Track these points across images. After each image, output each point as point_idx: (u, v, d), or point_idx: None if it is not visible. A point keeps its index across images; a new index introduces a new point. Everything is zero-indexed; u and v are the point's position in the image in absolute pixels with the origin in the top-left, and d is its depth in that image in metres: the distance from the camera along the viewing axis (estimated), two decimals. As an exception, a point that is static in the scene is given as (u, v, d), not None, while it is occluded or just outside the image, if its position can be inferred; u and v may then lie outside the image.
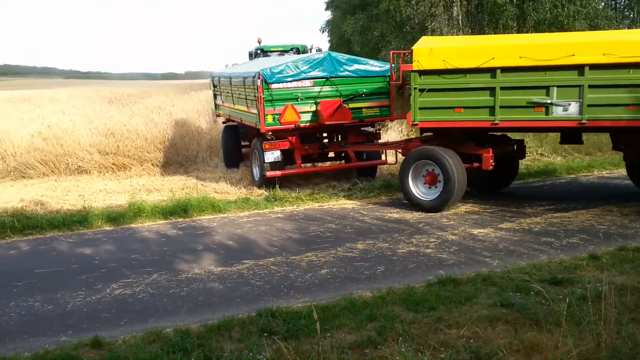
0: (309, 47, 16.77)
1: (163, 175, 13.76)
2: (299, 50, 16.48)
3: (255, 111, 11.25)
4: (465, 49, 9.11)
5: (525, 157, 10.80)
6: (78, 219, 9.10)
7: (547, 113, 8.53)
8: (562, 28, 18.07)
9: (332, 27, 41.32)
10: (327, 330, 4.75)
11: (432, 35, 19.39)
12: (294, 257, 7.13)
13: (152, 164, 14.45)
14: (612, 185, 10.75)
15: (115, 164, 14.22)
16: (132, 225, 9.05)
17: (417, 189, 9.50)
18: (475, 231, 7.97)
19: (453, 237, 7.75)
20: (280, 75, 10.89)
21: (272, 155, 11.06)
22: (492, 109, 8.80)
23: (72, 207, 10.18)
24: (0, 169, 13.99)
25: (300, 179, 11.92)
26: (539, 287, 5.04)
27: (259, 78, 10.75)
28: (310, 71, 11.05)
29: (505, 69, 8.64)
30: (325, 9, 43.38)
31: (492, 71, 8.72)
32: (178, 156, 14.92)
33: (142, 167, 14.24)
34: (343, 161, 12.55)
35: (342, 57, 11.51)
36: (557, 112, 8.48)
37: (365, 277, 6.34)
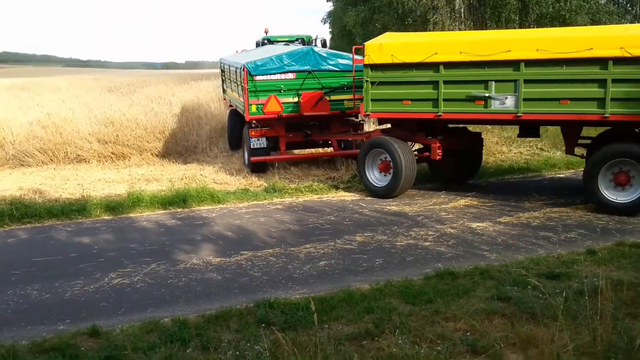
0: (313, 38, 17.36)
1: (162, 165, 13.74)
2: (304, 40, 16.99)
3: (242, 100, 11.88)
4: (411, 45, 9.68)
5: (481, 149, 11.12)
6: (77, 208, 9.11)
7: (486, 106, 8.96)
8: (564, 22, 18.03)
9: (333, 18, 41.18)
10: (324, 321, 4.77)
11: (434, 28, 19.35)
12: (292, 248, 7.14)
13: (152, 154, 14.44)
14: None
15: (115, 153, 14.21)
16: (131, 215, 9.05)
17: (373, 176, 10.09)
18: (474, 225, 7.97)
19: (452, 230, 7.76)
20: (264, 68, 11.49)
21: (258, 142, 11.81)
22: (436, 102, 9.29)
23: (71, 196, 10.18)
24: (-1, 157, 13.97)
25: (299, 171, 11.94)
26: (536, 281, 5.05)
27: (243, 70, 11.51)
28: (294, 65, 11.60)
29: (448, 64, 9.12)
30: (327, 0, 43.22)
31: (435, 66, 9.20)
32: (177, 146, 14.90)
33: (142, 157, 14.22)
34: (331, 149, 12.80)
35: (324, 51, 12.19)
36: (495, 105, 8.89)
37: (364, 269, 6.36)
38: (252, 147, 11.83)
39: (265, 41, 16.93)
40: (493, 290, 5.40)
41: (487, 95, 8.87)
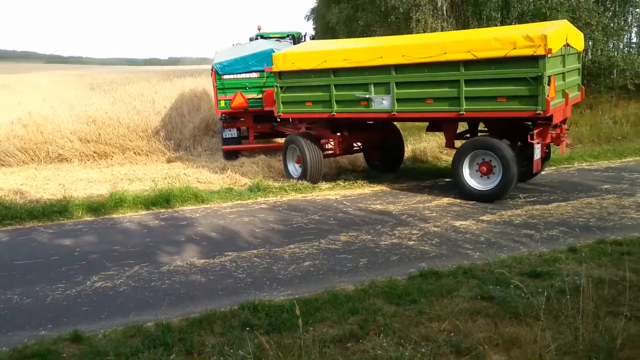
0: (303, 34, 18.42)
1: (145, 164, 13.67)
2: (294, 36, 18.25)
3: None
4: (307, 54, 10.82)
5: (400, 142, 12.22)
6: (58, 209, 9.01)
7: (368, 106, 10.11)
8: (544, 19, 18.11)
9: (317, 15, 41.13)
10: (309, 324, 4.76)
11: (416, 26, 19.39)
12: (277, 248, 7.13)
13: (134, 153, 14.35)
14: (592, 177, 10.86)
15: (97, 152, 14.10)
16: (114, 216, 8.98)
17: (292, 167, 11.50)
18: (457, 223, 8.02)
19: (435, 229, 7.79)
20: (230, 68, 13.23)
21: (229, 133, 13.76)
22: (330, 103, 10.50)
23: (52, 197, 10.08)
24: (-22, 157, 13.78)
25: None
26: (518, 280, 5.09)
27: (212, 70, 13.35)
28: (257, 65, 13.19)
29: (336, 70, 10.33)
30: (310, -4, 43.09)
31: (327, 72, 10.40)
32: (160, 144, 14.82)
33: (124, 156, 14.13)
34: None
35: None
36: (375, 105, 10.02)
37: (348, 269, 6.36)
38: (224, 136, 13.76)
39: (258, 37, 17.75)
40: (476, 289, 5.43)
41: (368, 96, 10.02)
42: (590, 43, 20.56)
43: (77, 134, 14.35)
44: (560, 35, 8.81)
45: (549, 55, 8.24)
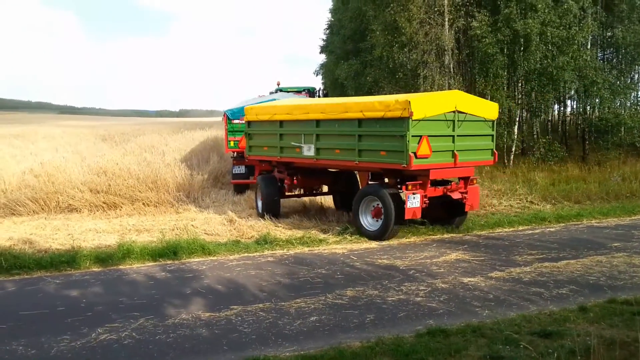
0: (317, 89, 21.43)
1: (154, 215, 13.69)
2: (309, 91, 21.35)
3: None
4: (265, 107, 13.22)
5: (355, 187, 13.23)
6: (66, 259, 9.02)
7: (301, 153, 11.97)
8: (551, 78, 18.45)
9: (325, 70, 42.00)
10: (314, 381, 4.69)
11: (424, 83, 19.75)
12: (283, 303, 7.08)
13: (143, 204, 14.41)
14: (602, 235, 10.81)
15: (106, 203, 14.17)
16: (121, 267, 8.97)
17: (257, 202, 13.43)
18: (466, 279, 7.96)
19: (443, 285, 7.73)
20: (239, 114, 15.27)
21: (238, 169, 16.12)
22: (278, 149, 12.60)
23: (61, 247, 10.10)
24: (-10, 206, 13.89)
25: (291, 223, 11.98)
26: (528, 339, 5.02)
27: (224, 115, 16.01)
28: None
29: (282, 122, 12.40)
30: (320, 52, 44.29)
31: (276, 123, 12.51)
32: (169, 196, 14.90)
33: (133, 207, 14.19)
34: None
35: None
36: (305, 152, 11.86)
37: (354, 325, 6.29)
38: (233, 172, 16.18)
39: (278, 91, 20.04)
40: (485, 349, 5.35)
41: (299, 144, 11.90)
42: (597, 100, 20.84)
43: (88, 185, 14.48)
44: (433, 102, 10.21)
45: (412, 117, 9.74)
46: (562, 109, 26.21)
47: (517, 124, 19.79)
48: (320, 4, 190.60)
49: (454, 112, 10.42)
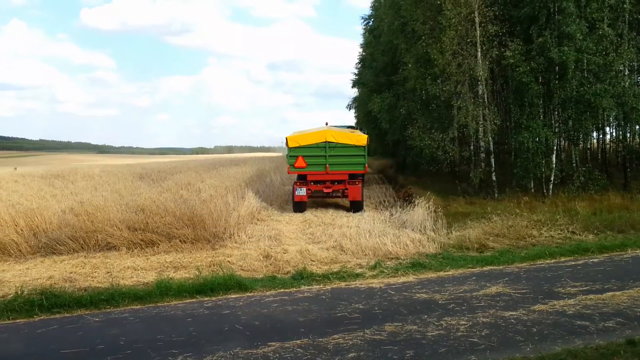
0: (354, 126, 25.77)
1: (190, 251, 13.78)
2: (352, 127, 25.94)
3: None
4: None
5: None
6: (105, 297, 9.13)
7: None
8: (588, 106, 18.14)
9: (358, 104, 42.29)
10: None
11: (457, 113, 19.67)
12: (320, 339, 7.00)
13: (180, 241, 14.52)
14: (648, 264, 10.44)
15: (144, 240, 14.34)
16: (159, 304, 9.03)
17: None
18: (507, 313, 7.75)
19: (484, 319, 7.54)
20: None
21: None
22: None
23: (100, 285, 10.24)
24: (32, 245, 14.20)
25: (326, 257, 11.93)
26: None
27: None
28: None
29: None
30: (352, 87, 44.77)
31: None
32: (206, 232, 14.99)
33: (170, 244, 14.31)
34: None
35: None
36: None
37: (394, 362, 6.17)
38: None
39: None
40: (531, 385, 5.17)
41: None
42: (637, 127, 20.48)
43: (126, 223, 14.68)
44: (306, 137, 18.90)
45: (289, 146, 18.81)
46: (601, 136, 25.71)
47: (555, 152, 19.41)
48: (350, 41, 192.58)
49: (325, 142, 18.60)
